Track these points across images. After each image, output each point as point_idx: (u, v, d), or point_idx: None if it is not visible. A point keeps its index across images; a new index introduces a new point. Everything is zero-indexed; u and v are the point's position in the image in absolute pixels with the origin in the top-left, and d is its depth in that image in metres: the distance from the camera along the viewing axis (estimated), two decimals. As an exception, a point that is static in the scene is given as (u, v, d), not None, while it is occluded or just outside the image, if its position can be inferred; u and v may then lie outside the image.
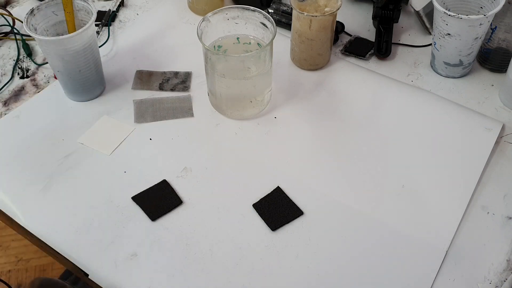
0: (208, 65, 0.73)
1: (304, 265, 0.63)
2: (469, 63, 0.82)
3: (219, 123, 0.78)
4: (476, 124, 0.76)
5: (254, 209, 0.68)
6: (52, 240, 0.66)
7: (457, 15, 0.74)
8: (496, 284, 0.61)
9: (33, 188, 0.71)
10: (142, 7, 0.98)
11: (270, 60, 0.74)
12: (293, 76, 0.85)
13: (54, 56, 0.74)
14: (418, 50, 0.89)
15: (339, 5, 0.78)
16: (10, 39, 0.92)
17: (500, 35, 0.80)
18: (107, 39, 0.91)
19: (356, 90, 0.82)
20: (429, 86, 0.83)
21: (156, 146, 0.75)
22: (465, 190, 0.69)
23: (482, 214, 0.68)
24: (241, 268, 0.63)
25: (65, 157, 0.74)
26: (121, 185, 0.71)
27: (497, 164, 0.73)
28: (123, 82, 0.84)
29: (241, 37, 0.77)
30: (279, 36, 0.86)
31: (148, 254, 0.64)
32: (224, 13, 0.75)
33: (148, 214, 0.68)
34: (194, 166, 0.73)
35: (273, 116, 0.79)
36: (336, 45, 0.89)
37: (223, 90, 0.75)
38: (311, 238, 0.65)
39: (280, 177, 0.71)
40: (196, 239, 0.65)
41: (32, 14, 0.74)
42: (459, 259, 0.63)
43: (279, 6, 0.91)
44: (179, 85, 0.83)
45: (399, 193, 0.69)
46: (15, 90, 0.84)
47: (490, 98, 0.81)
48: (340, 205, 0.68)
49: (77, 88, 0.79)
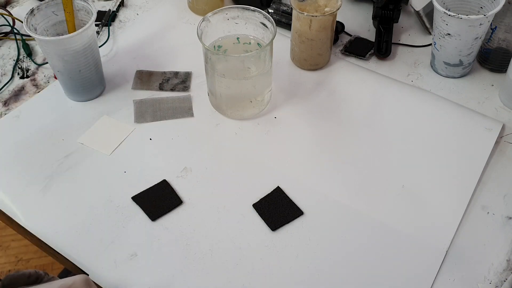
0: (208, 65, 0.73)
1: (304, 265, 0.63)
2: (469, 63, 0.82)
3: (219, 123, 0.78)
4: (476, 124, 0.76)
5: (254, 209, 0.68)
6: (52, 240, 0.66)
7: (457, 15, 0.74)
8: (496, 284, 0.61)
9: (33, 188, 0.71)
10: (142, 7, 0.98)
11: (270, 60, 0.74)
12: (293, 76, 0.85)
13: (54, 56, 0.74)
14: (418, 50, 0.89)
15: (339, 5, 0.78)
16: (10, 39, 0.92)
17: (500, 35, 0.80)
18: (107, 39, 0.91)
19: (356, 90, 0.82)
20: (429, 86, 0.83)
21: (156, 146, 0.75)
22: (465, 190, 0.69)
23: (482, 214, 0.68)
24: (241, 268, 0.63)
25: (65, 157, 0.74)
26: (121, 185, 0.71)
27: (497, 164, 0.73)
28: (123, 82, 0.84)
29: (241, 37, 0.77)
30: (279, 36, 0.86)
31: (148, 254, 0.64)
32: (224, 13, 0.75)
33: (148, 214, 0.68)
34: (194, 166, 0.73)
35: (273, 116, 0.79)
36: (336, 45, 0.89)
37: (223, 90, 0.74)
38: (311, 238, 0.65)
39: (280, 177, 0.71)
40: (196, 239, 0.65)
41: (32, 14, 0.74)
42: (459, 259, 0.63)
43: (279, 6, 0.91)
44: (179, 85, 0.83)
45: (399, 193, 0.69)
46: (15, 90, 0.84)
47: (490, 98, 0.81)
48: (340, 205, 0.68)
49: (77, 88, 0.79)
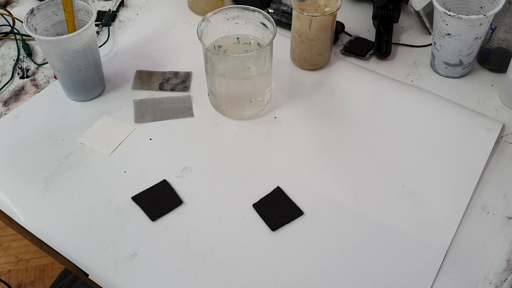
0: (208, 65, 0.73)
1: (304, 265, 0.63)
2: (469, 63, 0.82)
3: (219, 123, 0.78)
4: (476, 124, 0.76)
5: (254, 209, 0.68)
6: (52, 240, 0.66)
7: (457, 15, 0.74)
8: (496, 284, 0.61)
9: (33, 188, 0.71)
10: (142, 7, 0.98)
11: (270, 60, 0.74)
12: (293, 76, 0.85)
13: (54, 56, 0.74)
14: (418, 50, 0.89)
15: (339, 5, 0.78)
16: (10, 39, 0.92)
17: (500, 35, 0.80)
18: (107, 39, 0.91)
19: (356, 90, 0.82)
20: (429, 86, 0.83)
21: (156, 146, 0.75)
22: (465, 190, 0.69)
23: (482, 214, 0.68)
24: (241, 268, 0.63)
25: (65, 157, 0.74)
26: (121, 185, 0.71)
27: (497, 164, 0.73)
28: (123, 82, 0.84)
29: (241, 37, 0.77)
30: (279, 36, 0.86)
31: (148, 254, 0.64)
32: (224, 13, 0.75)
33: (148, 214, 0.68)
34: (194, 166, 0.73)
35: (273, 116, 0.79)
36: (336, 45, 0.89)
37: (223, 90, 0.75)
38: (311, 238, 0.65)
39: (280, 177, 0.71)
40: (196, 239, 0.65)
41: (32, 14, 0.74)
42: (459, 259, 0.63)
43: (279, 6, 0.91)
44: (179, 85, 0.83)
45: (399, 193, 0.69)
46: (15, 90, 0.84)
47: (490, 98, 0.81)
48: (340, 205, 0.68)
49: (77, 88, 0.79)
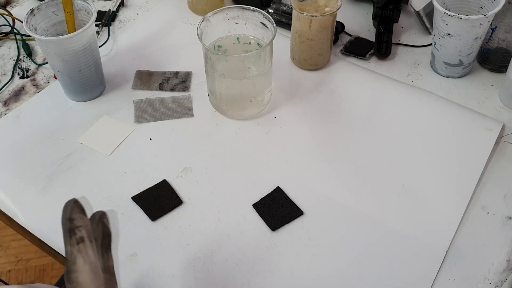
0: (208, 65, 0.73)
1: (304, 265, 0.63)
2: (469, 63, 0.82)
3: (219, 123, 0.78)
4: (476, 124, 0.76)
5: (254, 209, 0.68)
6: (52, 240, 0.66)
7: (457, 15, 0.74)
8: (496, 284, 0.61)
9: (33, 188, 0.71)
10: (142, 7, 0.98)
11: (270, 60, 0.74)
12: (293, 76, 0.85)
13: (54, 56, 0.74)
14: (418, 50, 0.89)
15: (339, 5, 0.78)
16: (10, 39, 0.92)
17: (500, 35, 0.80)
18: (107, 39, 0.91)
19: (356, 90, 0.82)
20: (429, 86, 0.83)
21: (156, 146, 0.75)
22: (465, 190, 0.69)
23: (482, 214, 0.68)
24: (241, 268, 0.63)
25: (65, 157, 0.74)
26: (121, 185, 0.71)
27: (497, 164, 0.73)
28: (123, 82, 0.84)
29: (241, 37, 0.77)
30: (279, 36, 0.86)
31: (148, 254, 0.64)
32: (224, 13, 0.75)
33: (148, 214, 0.68)
34: (194, 166, 0.73)
35: (273, 116, 0.79)
36: (336, 45, 0.89)
37: (223, 90, 0.75)
38: (311, 238, 0.65)
39: (280, 177, 0.71)
40: (196, 239, 0.65)
41: (32, 14, 0.74)
42: (459, 259, 0.63)
43: (279, 6, 0.91)
44: (179, 85, 0.83)
45: (399, 193, 0.69)
46: (15, 90, 0.84)
47: (490, 98, 0.81)
48: (340, 205, 0.68)
49: (77, 88, 0.79)
